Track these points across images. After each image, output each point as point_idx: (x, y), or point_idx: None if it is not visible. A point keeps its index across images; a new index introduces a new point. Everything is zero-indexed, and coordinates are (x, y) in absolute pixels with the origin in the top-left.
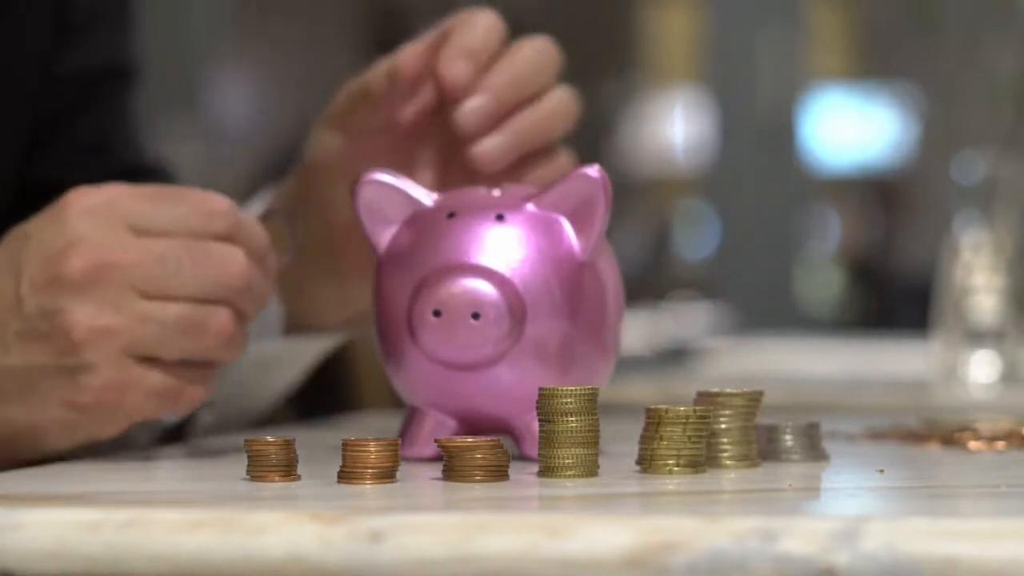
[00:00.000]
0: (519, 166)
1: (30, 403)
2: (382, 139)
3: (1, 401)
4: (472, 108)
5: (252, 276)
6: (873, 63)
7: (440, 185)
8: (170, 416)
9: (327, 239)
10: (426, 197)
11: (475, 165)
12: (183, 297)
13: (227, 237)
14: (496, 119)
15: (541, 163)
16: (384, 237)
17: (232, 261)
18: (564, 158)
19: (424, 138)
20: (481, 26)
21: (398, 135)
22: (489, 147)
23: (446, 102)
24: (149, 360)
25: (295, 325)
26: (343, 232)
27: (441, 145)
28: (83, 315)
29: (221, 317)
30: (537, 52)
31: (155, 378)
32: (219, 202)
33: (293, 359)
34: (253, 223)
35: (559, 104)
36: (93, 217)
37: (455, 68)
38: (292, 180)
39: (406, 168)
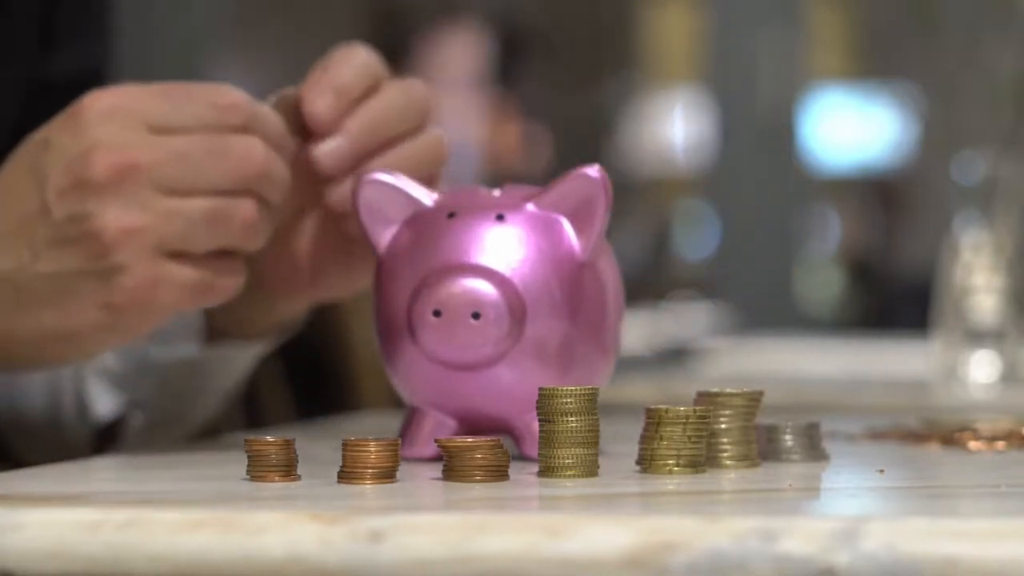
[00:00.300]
0: None
1: (66, 308)
2: None
3: (37, 307)
4: (327, 150)
5: (271, 164)
6: (873, 63)
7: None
8: (208, 304)
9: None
10: (426, 197)
11: (330, 206)
12: (207, 191)
13: (244, 128)
14: (354, 161)
15: None
16: (384, 237)
17: (251, 151)
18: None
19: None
20: (353, 63)
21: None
22: (340, 191)
23: (315, 138)
24: (179, 255)
25: (216, 333)
26: (265, 248)
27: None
28: (111, 217)
29: (245, 207)
30: (404, 95)
31: (186, 272)
32: (233, 94)
33: (224, 367)
34: (268, 112)
35: (422, 148)
36: (111, 119)
37: (319, 104)
38: None
39: (309, 202)
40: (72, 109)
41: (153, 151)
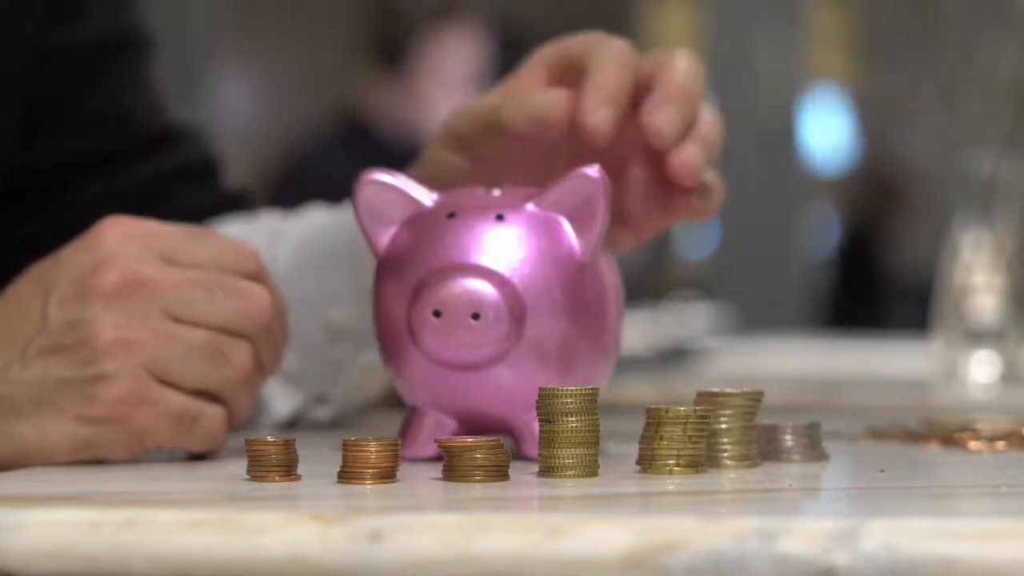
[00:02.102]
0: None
1: (43, 418)
2: (508, 163)
3: (14, 416)
4: (663, 117)
5: (274, 320)
6: (873, 63)
7: None
8: (184, 446)
9: None
10: (426, 197)
11: (676, 176)
12: (209, 325)
13: (255, 277)
14: (685, 125)
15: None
16: (384, 237)
17: (260, 298)
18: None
19: (553, 159)
20: (613, 63)
21: (526, 160)
22: (681, 156)
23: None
24: (167, 384)
25: None
26: None
27: (570, 164)
28: (108, 324)
29: (242, 351)
30: (688, 64)
31: (172, 401)
32: (249, 246)
33: None
34: (272, 279)
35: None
36: (129, 242)
37: (598, 117)
38: None
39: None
40: (89, 232)
41: (165, 275)
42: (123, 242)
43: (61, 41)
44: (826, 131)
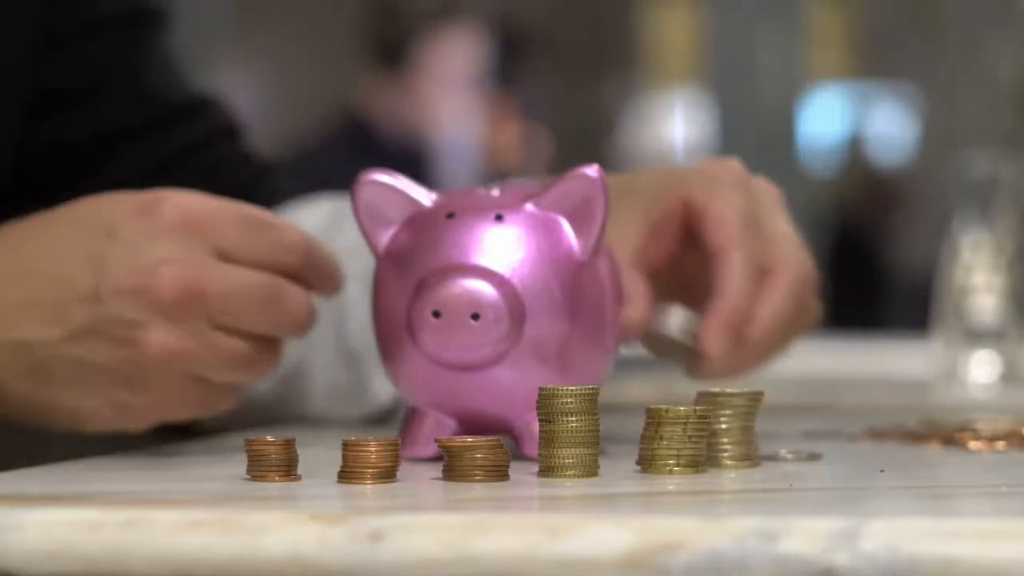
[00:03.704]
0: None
1: (79, 391)
2: None
3: (50, 383)
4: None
5: (308, 318)
6: (873, 63)
7: None
8: (205, 415)
9: None
10: (425, 197)
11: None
12: (248, 335)
13: (298, 271)
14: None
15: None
16: (383, 238)
17: (298, 304)
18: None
19: None
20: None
21: None
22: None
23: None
24: (200, 380)
25: None
26: None
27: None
28: (161, 335)
29: (272, 353)
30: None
31: (201, 390)
32: (295, 234)
33: None
34: (320, 255)
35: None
36: (184, 233)
37: (716, 345)
38: None
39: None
40: (146, 202)
41: (220, 282)
42: (179, 233)
43: (73, 20)
44: (826, 131)
